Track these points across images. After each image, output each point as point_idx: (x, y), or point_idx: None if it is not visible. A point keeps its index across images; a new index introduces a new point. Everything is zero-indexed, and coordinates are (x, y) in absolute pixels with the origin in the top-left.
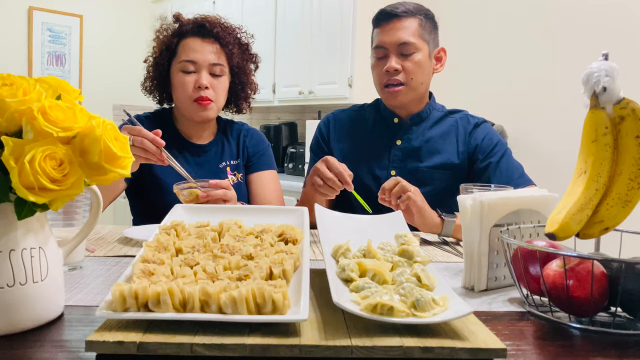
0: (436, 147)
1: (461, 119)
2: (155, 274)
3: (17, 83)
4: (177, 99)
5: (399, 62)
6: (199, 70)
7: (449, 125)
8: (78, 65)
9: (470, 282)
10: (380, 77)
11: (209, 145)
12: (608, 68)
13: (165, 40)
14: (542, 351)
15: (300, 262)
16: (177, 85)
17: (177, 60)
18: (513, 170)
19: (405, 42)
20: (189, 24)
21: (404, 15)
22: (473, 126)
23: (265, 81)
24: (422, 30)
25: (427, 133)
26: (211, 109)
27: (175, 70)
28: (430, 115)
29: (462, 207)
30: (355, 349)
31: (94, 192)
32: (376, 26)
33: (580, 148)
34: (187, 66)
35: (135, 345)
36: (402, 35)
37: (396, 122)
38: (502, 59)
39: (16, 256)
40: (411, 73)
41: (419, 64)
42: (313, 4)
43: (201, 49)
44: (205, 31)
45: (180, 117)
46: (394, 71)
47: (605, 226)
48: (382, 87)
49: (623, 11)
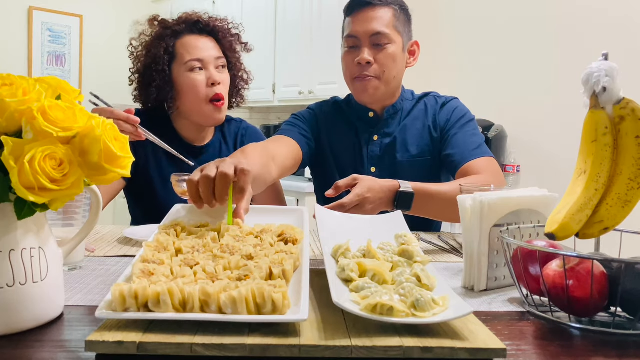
0: (411, 136)
1: (429, 101)
2: (155, 274)
3: (17, 83)
4: (187, 102)
5: (371, 53)
6: (207, 68)
7: (419, 110)
8: (78, 65)
9: (470, 282)
10: (350, 68)
11: (206, 146)
12: (608, 68)
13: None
14: (542, 351)
15: (300, 262)
16: (187, 87)
17: (179, 62)
18: (472, 141)
19: (379, 33)
20: (181, 23)
21: (378, 4)
22: (441, 105)
23: (265, 81)
24: (397, 22)
25: (402, 124)
26: (224, 109)
27: (180, 72)
28: (403, 106)
29: (462, 207)
30: (355, 349)
31: (94, 192)
32: (348, 14)
33: (580, 148)
34: (194, 65)
35: (135, 345)
36: (376, 25)
37: (371, 116)
38: (502, 59)
39: (16, 256)
40: (384, 66)
41: (392, 56)
42: (313, 4)
43: (203, 45)
44: (201, 28)
45: (180, 120)
46: (366, 64)
47: (605, 226)
48: (352, 80)
49: (623, 11)
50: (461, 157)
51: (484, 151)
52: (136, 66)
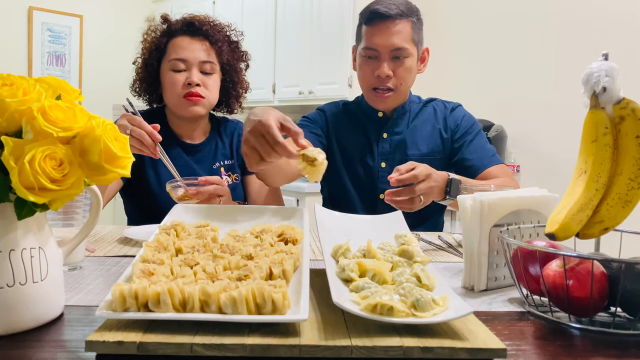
0: (421, 136)
1: (437, 105)
2: (155, 274)
3: (17, 83)
4: (167, 98)
5: (390, 67)
6: (189, 69)
7: (428, 113)
8: (78, 65)
9: (470, 282)
10: (368, 79)
11: (202, 144)
12: (608, 68)
13: (155, 40)
14: (542, 351)
15: (300, 262)
16: (167, 84)
17: (166, 59)
18: (488, 148)
19: (399, 48)
20: (178, 23)
21: (397, 18)
22: (450, 110)
23: (265, 81)
24: (414, 34)
25: (411, 124)
26: (202, 104)
27: (165, 69)
28: (411, 108)
29: (462, 207)
30: (355, 349)
31: (94, 192)
32: (367, 24)
33: (580, 148)
34: (177, 64)
35: (135, 345)
36: (397, 40)
37: (380, 116)
38: (503, 59)
39: (16, 256)
40: (402, 79)
41: (409, 69)
42: (313, 4)
43: (191, 47)
44: (194, 29)
45: (172, 116)
46: (385, 77)
47: (605, 226)
48: (369, 90)
49: (623, 11)
50: (481, 162)
51: (499, 159)
52: (137, 58)
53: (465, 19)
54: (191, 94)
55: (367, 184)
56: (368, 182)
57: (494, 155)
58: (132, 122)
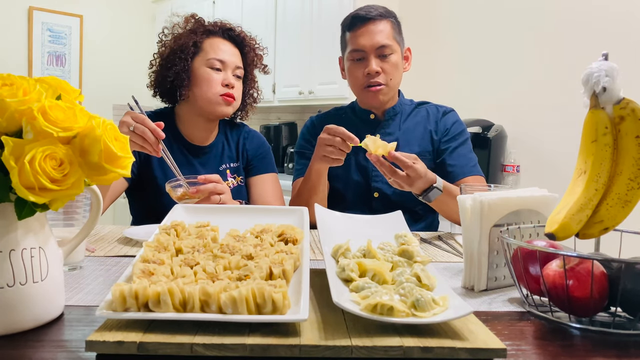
0: (412, 137)
1: (430, 108)
2: (155, 274)
3: (17, 83)
4: (200, 93)
5: (378, 64)
6: (225, 70)
7: (421, 116)
8: (78, 65)
9: (470, 282)
10: (359, 79)
11: (209, 146)
12: (608, 68)
13: (191, 36)
14: (542, 351)
15: (300, 262)
16: (204, 80)
17: (203, 57)
18: (470, 157)
19: (384, 45)
20: (215, 25)
21: (378, 18)
22: (442, 114)
23: (265, 81)
24: (394, 32)
25: (402, 126)
26: (232, 106)
27: (199, 65)
28: (402, 109)
29: (462, 207)
30: (355, 349)
31: (94, 192)
32: (349, 30)
33: (580, 148)
34: (215, 63)
35: (135, 345)
36: (380, 38)
37: (372, 118)
38: (502, 59)
39: (16, 256)
40: (390, 74)
41: (395, 65)
42: (313, 4)
43: (229, 50)
44: (231, 36)
45: (185, 116)
46: (375, 73)
47: (605, 226)
48: (362, 89)
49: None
50: (461, 170)
51: (479, 170)
52: (161, 50)
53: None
54: (228, 94)
55: (361, 184)
56: (362, 183)
57: (475, 165)
58: (136, 119)
